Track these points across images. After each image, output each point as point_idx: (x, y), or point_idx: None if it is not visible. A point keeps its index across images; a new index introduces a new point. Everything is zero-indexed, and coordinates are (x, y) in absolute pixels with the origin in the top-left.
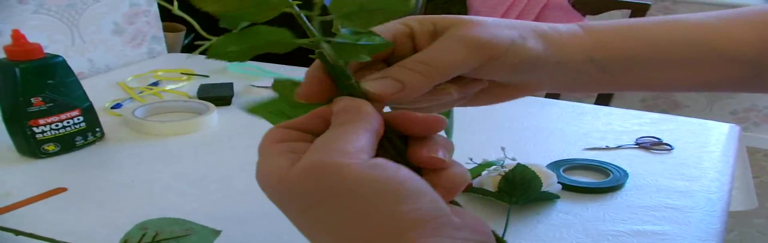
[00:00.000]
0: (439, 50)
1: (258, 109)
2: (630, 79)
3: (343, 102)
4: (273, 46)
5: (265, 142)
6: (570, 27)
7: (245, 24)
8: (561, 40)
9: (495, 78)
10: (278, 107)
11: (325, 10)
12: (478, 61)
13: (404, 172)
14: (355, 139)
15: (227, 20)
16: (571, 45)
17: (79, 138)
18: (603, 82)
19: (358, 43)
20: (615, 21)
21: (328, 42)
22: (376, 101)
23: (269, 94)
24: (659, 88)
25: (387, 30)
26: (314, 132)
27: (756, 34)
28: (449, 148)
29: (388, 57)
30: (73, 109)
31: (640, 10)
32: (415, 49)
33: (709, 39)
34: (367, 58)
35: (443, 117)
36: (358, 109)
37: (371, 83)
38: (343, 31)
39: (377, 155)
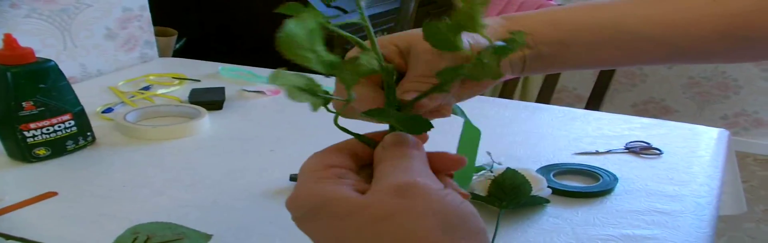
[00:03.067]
0: (428, 65)
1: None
2: (564, 59)
3: (398, 135)
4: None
5: (321, 163)
6: (494, 20)
7: None
8: (496, 32)
9: None
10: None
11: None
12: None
13: (468, 203)
14: (425, 169)
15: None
16: (504, 35)
17: (70, 142)
18: (541, 65)
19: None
20: (531, 11)
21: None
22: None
23: (260, 99)
24: (592, 66)
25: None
26: (360, 156)
27: (658, 13)
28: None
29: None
30: (64, 113)
31: None
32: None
33: (618, 21)
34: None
35: (464, 158)
36: (416, 145)
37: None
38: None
39: None
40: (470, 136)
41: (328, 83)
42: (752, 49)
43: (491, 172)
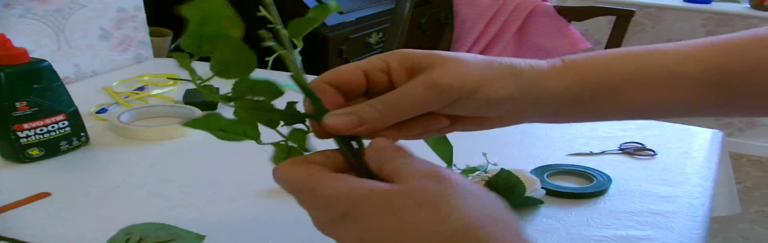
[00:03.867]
0: (403, 93)
1: (195, 124)
2: (611, 105)
3: (386, 141)
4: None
5: (313, 170)
6: (551, 61)
7: None
8: (540, 77)
9: (466, 114)
10: (218, 125)
11: None
12: (440, 104)
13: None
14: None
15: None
16: (550, 80)
17: (63, 143)
18: (585, 111)
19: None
20: (594, 53)
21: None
22: (334, 133)
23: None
24: (640, 113)
25: (362, 65)
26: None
27: (719, 58)
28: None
29: (366, 91)
30: (58, 113)
31: (625, 17)
32: (392, 84)
33: (678, 63)
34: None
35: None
36: (400, 146)
37: (332, 117)
38: None
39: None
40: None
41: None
42: None
43: (486, 172)
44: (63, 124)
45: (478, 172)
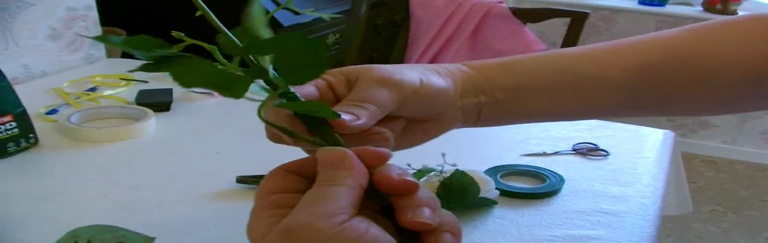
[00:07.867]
0: (366, 91)
1: None
2: (519, 107)
3: (327, 153)
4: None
5: (262, 190)
6: (456, 66)
7: None
8: (454, 75)
9: (415, 113)
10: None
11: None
12: (400, 98)
13: (373, 232)
14: (335, 200)
15: None
16: (463, 79)
17: (11, 144)
18: (497, 112)
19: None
20: (496, 59)
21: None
22: (338, 130)
23: (208, 101)
24: (550, 115)
25: (310, 83)
26: (313, 176)
27: (623, 61)
28: (433, 204)
29: None
30: (4, 114)
31: (579, 19)
32: (337, 99)
33: (582, 67)
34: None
35: (417, 182)
36: (341, 164)
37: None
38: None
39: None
40: None
41: None
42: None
43: (442, 173)
44: (10, 125)
45: (434, 173)
